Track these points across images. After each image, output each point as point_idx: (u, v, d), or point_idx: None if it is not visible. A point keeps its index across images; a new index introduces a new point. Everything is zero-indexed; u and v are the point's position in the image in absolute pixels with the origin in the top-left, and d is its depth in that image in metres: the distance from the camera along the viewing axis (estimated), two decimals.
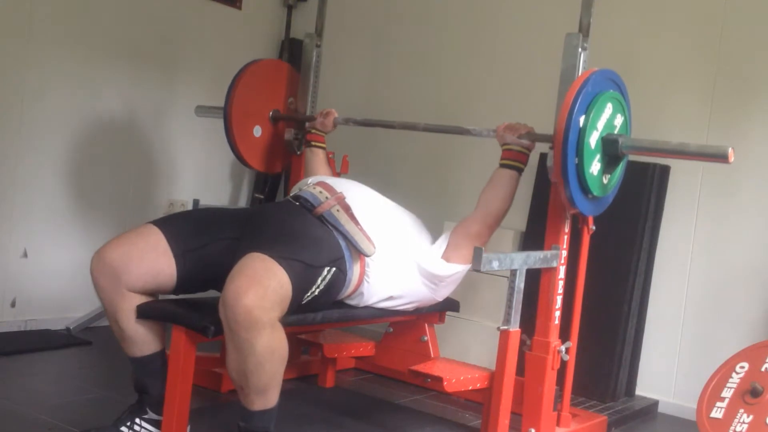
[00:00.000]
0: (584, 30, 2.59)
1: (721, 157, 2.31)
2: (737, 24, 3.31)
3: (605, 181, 2.50)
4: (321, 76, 3.49)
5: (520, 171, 2.66)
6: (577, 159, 2.35)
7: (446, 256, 2.58)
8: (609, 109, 2.45)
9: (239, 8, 4.26)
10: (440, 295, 2.68)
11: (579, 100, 2.34)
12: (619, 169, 2.58)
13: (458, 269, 2.59)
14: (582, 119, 2.35)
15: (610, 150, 2.44)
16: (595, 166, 2.42)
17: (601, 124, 2.42)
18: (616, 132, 2.48)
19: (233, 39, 4.27)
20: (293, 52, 4.34)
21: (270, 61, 3.40)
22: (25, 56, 3.41)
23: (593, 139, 2.39)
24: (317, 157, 3.13)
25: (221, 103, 3.21)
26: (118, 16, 3.73)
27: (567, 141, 2.31)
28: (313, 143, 3.15)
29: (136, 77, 3.82)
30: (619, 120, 2.51)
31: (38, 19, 3.43)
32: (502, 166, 2.67)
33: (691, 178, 3.37)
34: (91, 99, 3.66)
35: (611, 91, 2.48)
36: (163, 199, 4.01)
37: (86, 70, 3.62)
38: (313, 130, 3.17)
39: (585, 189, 2.42)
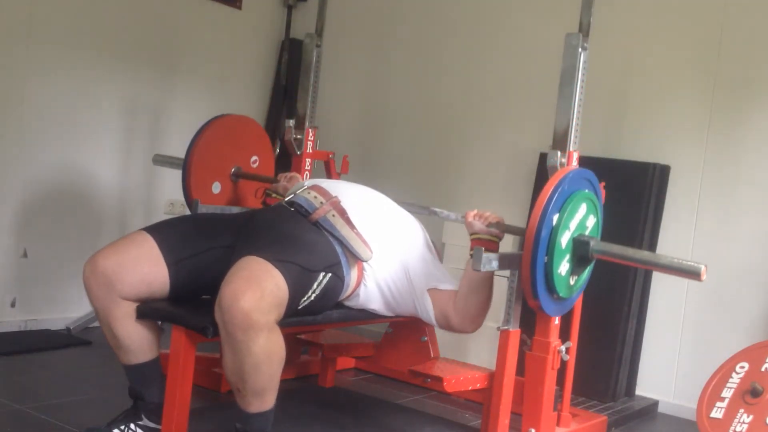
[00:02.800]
0: (584, 30, 2.59)
1: (693, 274, 2.29)
2: (737, 24, 3.31)
3: (572, 282, 2.47)
4: (321, 76, 3.49)
5: None
6: (546, 257, 2.32)
7: (433, 297, 2.53)
8: (583, 209, 2.43)
9: (239, 8, 4.26)
10: (418, 315, 2.60)
11: (554, 199, 2.31)
12: (587, 272, 2.54)
13: (430, 316, 2.54)
14: (555, 218, 2.33)
15: (581, 251, 2.41)
16: (563, 267, 2.40)
17: (573, 224, 2.39)
18: (587, 233, 2.46)
19: (233, 39, 4.27)
20: (293, 52, 4.34)
21: (236, 117, 3.32)
22: (25, 56, 3.41)
23: (565, 239, 2.36)
24: None
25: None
26: (118, 16, 3.73)
27: (539, 238, 2.28)
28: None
29: (136, 77, 3.82)
30: (591, 221, 2.48)
31: (38, 19, 3.43)
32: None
33: (691, 178, 3.37)
34: (91, 99, 3.66)
35: (586, 191, 2.46)
36: (163, 199, 4.01)
37: (86, 70, 3.62)
38: (274, 194, 2.92)
39: (551, 289, 2.39)
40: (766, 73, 3.24)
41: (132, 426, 2.30)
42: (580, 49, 2.57)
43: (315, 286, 2.26)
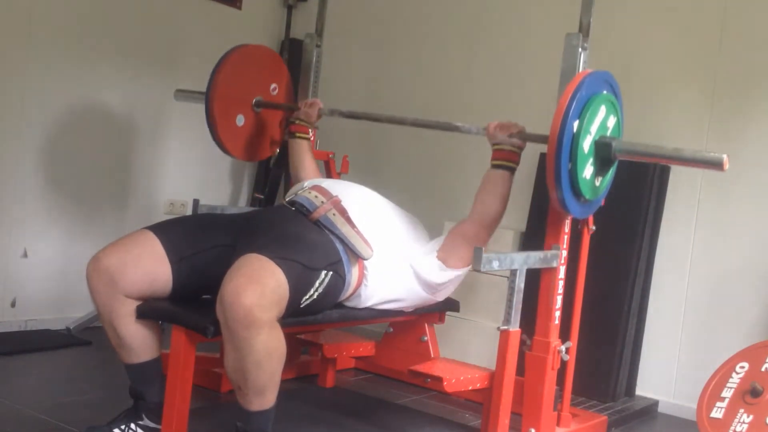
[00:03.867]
0: (584, 30, 2.59)
1: (716, 164, 2.28)
2: (737, 24, 3.31)
3: (597, 183, 2.49)
4: (321, 76, 3.49)
5: (512, 171, 2.60)
6: (570, 164, 2.33)
7: (443, 259, 2.56)
8: (602, 111, 2.43)
9: (239, 8, 4.26)
10: (439, 297, 2.67)
11: (573, 105, 2.31)
12: (611, 171, 2.56)
13: (455, 274, 2.57)
14: (576, 124, 2.33)
15: (603, 153, 2.42)
16: (588, 170, 2.40)
17: (594, 128, 2.40)
18: (608, 133, 2.47)
19: (233, 39, 4.24)
20: (293, 52, 4.34)
21: (253, 46, 3.29)
22: (25, 56, 3.41)
23: (587, 144, 2.37)
24: (301, 148, 3.06)
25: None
26: (118, 16, 3.73)
27: (561, 146, 2.29)
28: (297, 134, 3.09)
29: (136, 77, 3.82)
30: (611, 121, 2.49)
31: (38, 19, 3.43)
32: (494, 166, 2.60)
33: (691, 177, 3.37)
34: (91, 99, 3.66)
35: (605, 93, 2.46)
36: (163, 199, 4.01)
37: (86, 70, 3.62)
38: (297, 121, 3.10)
39: (577, 193, 2.40)
40: (766, 72, 3.24)
41: (132, 425, 2.30)
42: (580, 49, 2.57)
43: (317, 284, 2.26)
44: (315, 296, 2.27)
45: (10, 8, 3.35)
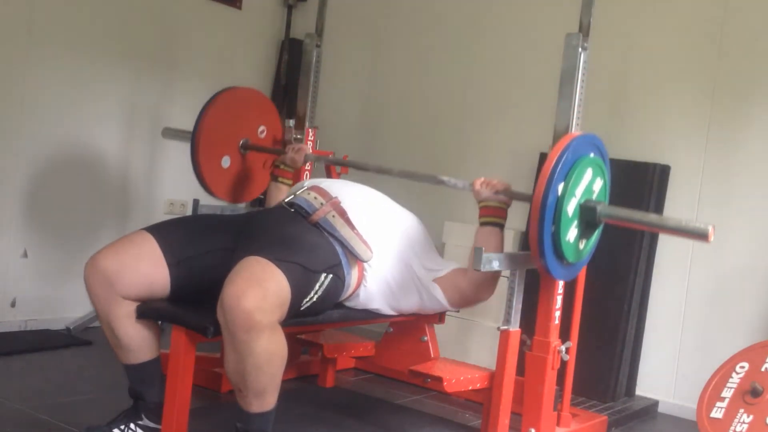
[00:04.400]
0: (584, 30, 2.59)
1: (700, 235, 2.25)
2: (737, 24, 3.31)
3: (581, 246, 2.47)
4: (321, 76, 3.49)
5: (501, 227, 2.54)
6: (553, 227, 2.31)
7: (439, 284, 2.55)
8: (589, 174, 2.40)
9: (239, 8, 4.26)
10: (426, 309, 2.63)
11: (559, 168, 2.29)
12: (595, 235, 2.53)
13: (442, 302, 2.56)
14: (561, 187, 2.31)
15: (588, 217, 2.40)
16: (571, 233, 2.38)
17: (579, 191, 2.37)
18: (594, 196, 2.44)
19: (233, 39, 4.27)
20: (293, 52, 4.34)
21: (243, 89, 3.31)
22: (25, 56, 3.41)
23: (571, 207, 2.35)
24: (281, 193, 2.99)
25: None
26: (118, 16, 3.73)
27: (544, 209, 2.27)
28: (279, 179, 3.06)
29: (136, 77, 3.82)
30: (598, 184, 2.46)
31: (38, 19, 3.43)
32: (483, 224, 2.55)
33: (691, 177, 3.37)
34: (91, 99, 3.66)
35: (591, 155, 2.44)
36: (163, 199, 4.01)
37: (86, 70, 3.62)
38: (282, 166, 3.05)
39: (560, 256, 2.38)
40: (766, 72, 3.24)
41: (132, 426, 2.30)
42: (580, 49, 2.57)
43: (317, 287, 2.26)
44: (315, 299, 2.27)
45: (10, 8, 3.35)
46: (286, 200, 2.55)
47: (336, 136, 4.05)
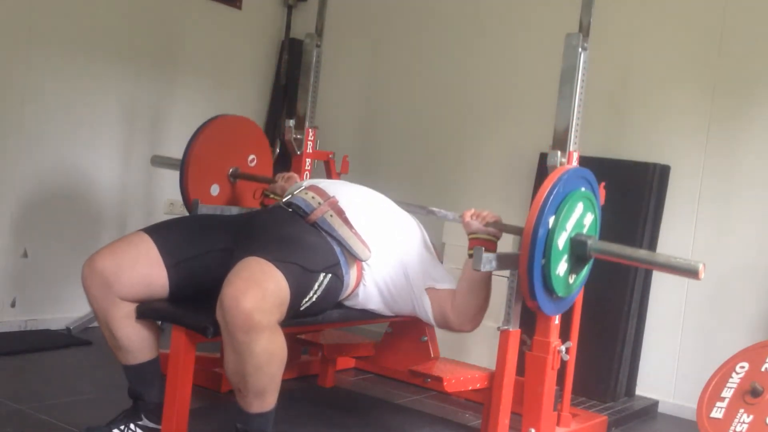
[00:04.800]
0: (584, 30, 2.59)
1: (691, 273, 2.26)
2: (737, 24, 3.31)
3: (571, 281, 2.47)
4: (321, 76, 3.49)
5: None
6: (544, 260, 2.32)
7: (431, 296, 2.54)
8: (579, 208, 2.41)
9: (239, 8, 4.26)
10: (418, 314, 2.61)
11: (550, 200, 2.30)
12: (585, 270, 2.54)
13: (428, 315, 2.54)
14: (551, 220, 2.31)
15: (578, 251, 2.40)
16: (561, 267, 2.39)
17: (570, 225, 2.38)
18: (585, 231, 2.45)
19: (233, 39, 4.27)
20: (293, 52, 4.34)
21: (233, 117, 3.30)
22: (25, 56, 3.41)
23: (562, 240, 2.35)
24: None
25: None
26: (119, 16, 3.73)
27: (535, 241, 2.28)
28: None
29: (136, 77, 3.82)
30: (588, 219, 2.47)
31: (38, 19, 3.43)
32: (471, 256, 2.49)
33: (691, 178, 3.37)
34: (91, 99, 3.66)
35: (582, 189, 2.45)
36: (163, 199, 4.01)
37: (86, 70, 3.62)
38: (272, 195, 2.97)
39: (549, 289, 2.38)
40: (766, 73, 3.24)
41: (132, 426, 2.30)
42: (580, 49, 2.57)
43: (316, 287, 2.26)
44: (314, 299, 2.27)
45: (10, 8, 3.35)
46: (283, 200, 2.54)
47: (336, 136, 4.05)
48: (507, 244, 3.50)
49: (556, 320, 2.60)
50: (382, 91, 4.27)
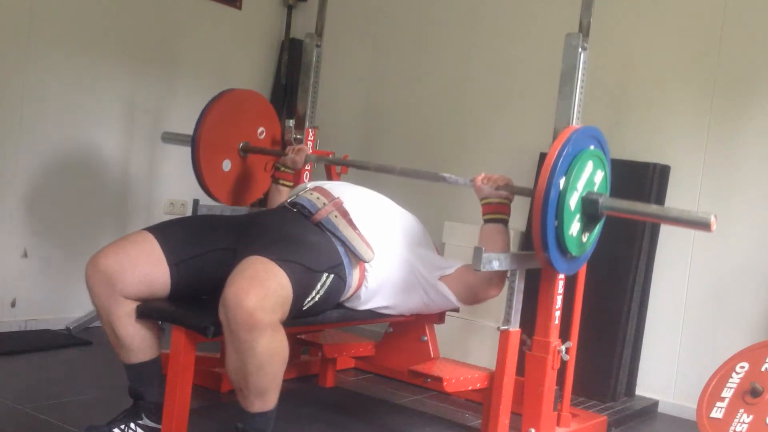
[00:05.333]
0: (584, 30, 2.59)
1: (702, 225, 2.27)
2: (737, 24, 3.31)
3: (584, 239, 2.47)
4: (321, 76, 3.49)
5: (505, 222, 2.55)
6: (556, 222, 2.32)
7: (447, 282, 2.55)
8: (589, 167, 2.41)
9: (239, 8, 4.26)
10: (432, 309, 2.64)
11: (560, 163, 2.30)
12: (598, 228, 2.54)
13: (451, 299, 2.56)
14: (562, 181, 2.32)
15: (590, 210, 2.41)
16: (574, 227, 2.39)
17: (581, 185, 2.38)
18: (596, 188, 2.45)
19: (233, 39, 4.27)
20: (293, 52, 4.35)
21: (240, 91, 3.29)
22: (25, 56, 3.41)
23: (573, 201, 2.36)
24: (281, 196, 2.99)
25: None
26: (118, 16, 3.73)
27: (547, 204, 2.28)
28: (281, 181, 3.07)
29: (136, 77, 3.82)
30: (599, 176, 2.47)
31: (38, 19, 3.43)
32: (487, 221, 2.55)
33: (691, 177, 3.37)
34: (91, 99, 3.66)
35: (592, 148, 2.45)
36: (163, 199, 4.01)
37: (86, 70, 3.63)
38: (283, 168, 3.06)
39: (563, 250, 2.39)
40: (766, 73, 3.25)
41: (132, 425, 2.30)
42: (580, 49, 2.57)
43: (319, 286, 2.26)
44: (317, 298, 2.27)
45: (10, 8, 3.35)
46: (288, 200, 2.55)
47: (336, 136, 4.05)
48: None
49: (556, 320, 2.60)
50: (382, 91, 4.27)
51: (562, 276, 2.62)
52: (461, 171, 3.91)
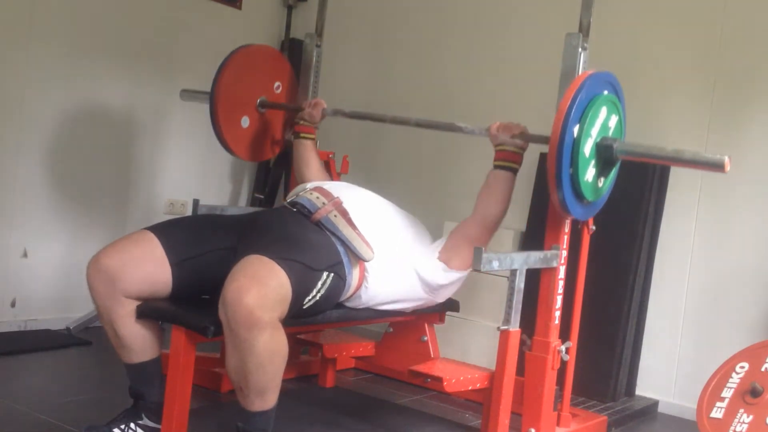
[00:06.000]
0: (584, 30, 2.59)
1: (716, 166, 2.26)
2: (737, 24, 3.31)
3: (600, 185, 2.48)
4: (321, 76, 3.49)
5: (515, 171, 2.61)
6: (571, 169, 2.33)
7: (445, 260, 2.56)
8: (603, 113, 2.41)
9: (239, 8, 4.26)
10: (440, 298, 2.67)
11: (573, 109, 2.30)
12: (614, 172, 2.56)
13: (457, 276, 2.58)
14: (576, 128, 2.32)
15: (605, 155, 2.41)
16: (589, 173, 2.40)
17: (595, 131, 2.38)
18: (610, 133, 2.46)
19: (233, 39, 4.24)
20: (293, 52, 4.34)
21: (255, 46, 3.30)
22: (25, 56, 3.41)
23: (588, 147, 2.36)
24: (306, 149, 3.06)
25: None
26: (118, 15, 3.73)
27: (562, 152, 2.28)
28: (302, 134, 3.10)
29: (135, 77, 3.82)
30: (613, 121, 2.47)
31: (38, 19, 3.43)
32: (497, 167, 2.62)
33: (691, 177, 3.37)
34: (91, 99, 3.66)
35: (606, 93, 2.45)
36: (163, 199, 4.01)
37: (86, 69, 3.63)
38: (302, 122, 3.11)
39: (579, 196, 2.40)
40: (766, 72, 3.25)
41: (132, 425, 2.30)
42: (580, 49, 2.57)
43: (319, 285, 2.26)
44: (317, 297, 2.27)
45: (10, 8, 3.35)
46: (288, 200, 2.56)
47: (336, 136, 4.05)
48: (508, 243, 3.52)
49: (556, 320, 2.60)
50: (382, 91, 4.26)
51: (561, 276, 2.62)
52: (461, 170, 3.93)
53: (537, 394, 2.56)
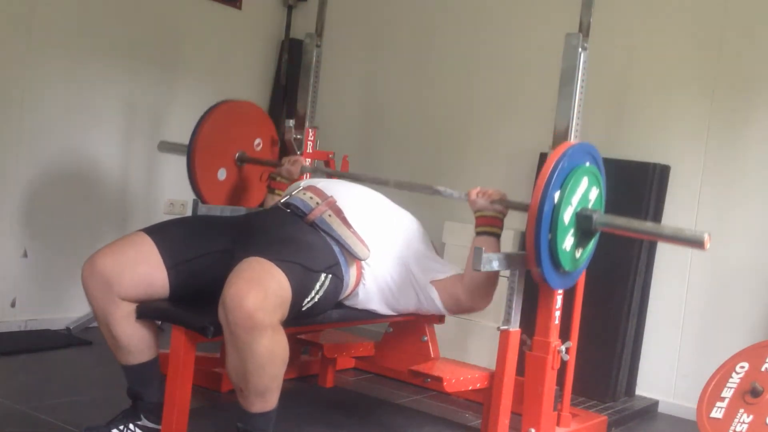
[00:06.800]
0: (584, 30, 2.59)
1: (696, 243, 2.28)
2: (737, 24, 3.31)
3: (577, 255, 2.48)
4: (321, 76, 3.49)
5: (497, 237, 2.55)
6: (550, 235, 2.33)
7: (437, 287, 2.55)
8: (584, 183, 2.42)
9: (239, 8, 4.26)
10: (422, 310, 2.64)
11: (555, 176, 2.31)
12: (592, 244, 2.55)
13: (438, 305, 2.56)
14: (557, 195, 2.32)
15: (584, 225, 2.41)
16: (568, 242, 2.40)
17: (575, 200, 2.39)
18: (590, 205, 2.45)
19: (233, 39, 4.27)
20: (293, 52, 4.34)
21: (238, 102, 3.31)
22: (25, 56, 3.41)
23: (567, 215, 2.36)
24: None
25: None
26: (118, 16, 3.73)
27: (541, 217, 2.29)
28: (276, 191, 3.07)
29: (136, 77, 3.82)
30: (594, 193, 2.47)
31: (38, 19, 3.43)
32: (479, 233, 2.55)
33: (691, 177, 3.37)
34: (90, 99, 3.66)
35: (587, 164, 2.46)
36: (163, 199, 4.01)
37: (86, 70, 3.62)
38: (278, 178, 3.07)
39: (556, 264, 2.39)
40: (766, 73, 3.24)
41: (131, 426, 2.30)
42: (580, 49, 2.57)
43: (318, 286, 2.26)
44: (316, 299, 2.27)
45: (10, 8, 3.35)
46: (281, 201, 2.55)
47: (336, 136, 4.05)
48: (508, 244, 3.51)
49: (556, 320, 2.60)
50: (382, 91, 4.27)
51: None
52: (461, 170, 3.94)
53: (537, 394, 2.56)
